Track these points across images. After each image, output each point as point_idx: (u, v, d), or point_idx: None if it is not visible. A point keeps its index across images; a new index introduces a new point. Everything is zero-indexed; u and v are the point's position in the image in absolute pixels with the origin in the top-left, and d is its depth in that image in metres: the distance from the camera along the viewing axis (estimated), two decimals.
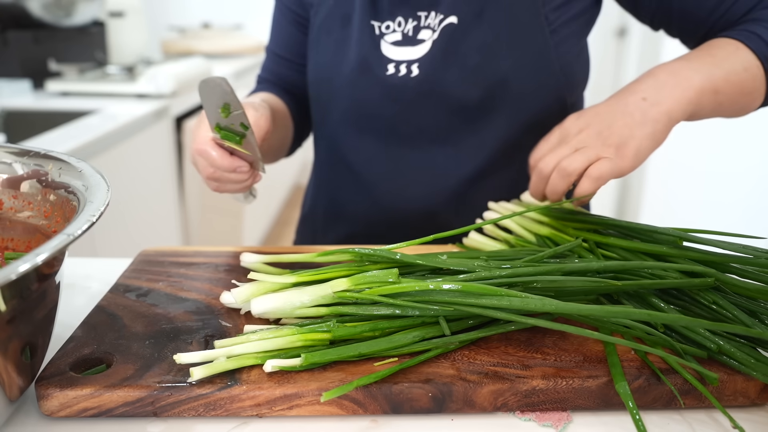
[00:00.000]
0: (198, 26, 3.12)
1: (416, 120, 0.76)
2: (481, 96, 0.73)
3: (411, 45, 0.75)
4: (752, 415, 0.49)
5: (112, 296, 0.60)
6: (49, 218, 0.55)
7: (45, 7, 1.88)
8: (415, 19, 0.75)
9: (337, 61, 0.79)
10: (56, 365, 0.48)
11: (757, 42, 0.67)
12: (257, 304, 0.53)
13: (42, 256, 0.38)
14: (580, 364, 0.50)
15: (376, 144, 0.79)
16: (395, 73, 0.75)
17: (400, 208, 0.81)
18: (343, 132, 0.81)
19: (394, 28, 0.76)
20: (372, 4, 0.77)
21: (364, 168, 0.81)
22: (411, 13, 0.75)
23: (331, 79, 0.80)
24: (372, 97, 0.77)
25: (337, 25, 0.79)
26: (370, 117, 0.78)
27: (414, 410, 0.48)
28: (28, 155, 0.57)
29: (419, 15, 0.75)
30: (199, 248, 0.71)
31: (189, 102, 1.99)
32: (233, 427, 0.47)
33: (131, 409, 0.46)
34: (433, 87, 0.74)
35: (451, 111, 0.75)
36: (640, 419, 0.45)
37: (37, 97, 1.81)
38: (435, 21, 0.74)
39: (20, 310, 0.41)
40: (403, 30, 0.75)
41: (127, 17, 2.25)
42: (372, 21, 0.76)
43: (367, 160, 0.81)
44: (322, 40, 0.81)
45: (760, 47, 0.67)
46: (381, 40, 0.76)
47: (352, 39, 0.77)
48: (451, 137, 0.76)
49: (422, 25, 0.75)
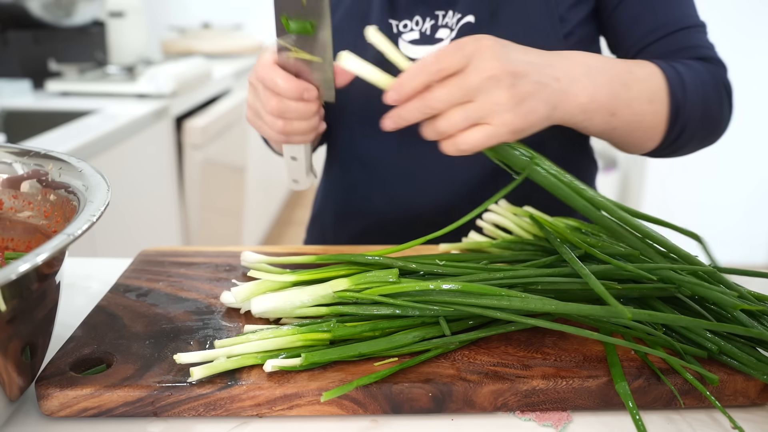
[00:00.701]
0: (198, 26, 3.12)
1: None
2: None
3: (429, 44, 0.75)
4: (752, 415, 0.49)
5: (112, 296, 0.60)
6: (49, 218, 0.55)
7: (45, 7, 1.88)
8: (432, 18, 0.75)
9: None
10: (56, 365, 0.48)
11: (675, 78, 0.65)
12: (257, 303, 0.53)
13: (42, 256, 0.38)
14: (580, 364, 0.50)
15: (392, 142, 0.79)
16: None
17: (414, 205, 0.81)
18: (359, 130, 0.81)
19: (411, 26, 0.76)
20: (390, 2, 0.77)
21: (379, 166, 0.81)
22: (429, 12, 0.75)
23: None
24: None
25: (355, 23, 0.79)
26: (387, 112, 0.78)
27: (414, 410, 0.48)
28: (28, 155, 0.57)
29: (437, 14, 0.75)
30: (199, 248, 0.71)
31: (189, 102, 1.99)
32: (233, 427, 0.47)
33: (131, 409, 0.46)
34: None
35: None
36: (640, 419, 0.45)
37: (37, 97, 1.81)
38: (453, 20, 0.74)
39: (20, 310, 0.41)
40: (421, 29, 0.76)
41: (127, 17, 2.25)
42: (390, 20, 0.77)
43: (382, 157, 0.81)
44: (338, 38, 0.81)
45: (674, 83, 0.65)
46: (399, 38, 0.76)
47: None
48: None
49: (440, 24, 0.75)
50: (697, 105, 0.67)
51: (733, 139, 2.66)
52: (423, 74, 0.53)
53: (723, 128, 0.72)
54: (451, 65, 0.53)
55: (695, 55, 0.71)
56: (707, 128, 0.70)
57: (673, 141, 0.68)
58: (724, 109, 0.71)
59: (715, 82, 0.69)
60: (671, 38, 0.71)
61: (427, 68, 0.53)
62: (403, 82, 0.54)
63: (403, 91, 0.54)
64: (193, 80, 2.01)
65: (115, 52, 2.26)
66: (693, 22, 0.72)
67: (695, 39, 0.72)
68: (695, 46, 0.71)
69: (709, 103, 0.68)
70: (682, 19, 0.71)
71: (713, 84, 0.69)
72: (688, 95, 0.66)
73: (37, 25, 1.90)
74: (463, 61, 0.53)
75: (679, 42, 0.71)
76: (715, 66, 0.71)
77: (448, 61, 0.53)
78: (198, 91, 2.07)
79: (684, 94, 0.65)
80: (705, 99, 0.67)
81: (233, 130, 2.23)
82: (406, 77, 0.54)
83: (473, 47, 0.54)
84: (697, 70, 0.69)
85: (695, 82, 0.67)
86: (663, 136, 0.67)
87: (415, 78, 0.54)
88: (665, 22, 0.71)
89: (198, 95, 2.07)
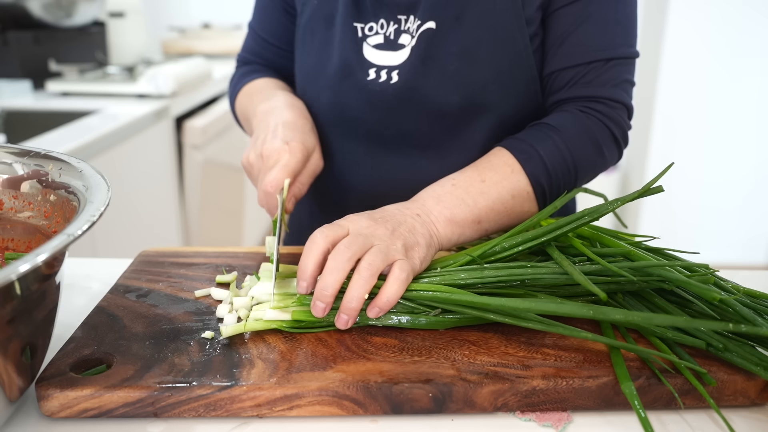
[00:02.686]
0: (198, 26, 3.12)
1: (397, 125, 0.76)
2: (462, 102, 0.73)
3: (392, 50, 0.74)
4: (752, 415, 0.49)
5: (112, 297, 0.60)
6: (49, 218, 0.55)
7: (45, 8, 1.88)
8: (396, 22, 0.74)
9: (320, 64, 0.79)
10: (56, 366, 0.48)
11: (535, 164, 0.67)
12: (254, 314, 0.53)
13: (42, 256, 0.38)
14: (580, 364, 0.50)
15: (359, 148, 0.79)
16: (376, 78, 0.75)
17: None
18: (327, 134, 0.81)
19: (377, 29, 0.75)
20: (355, 5, 0.76)
21: (347, 171, 0.81)
22: (392, 16, 0.74)
23: (316, 81, 0.79)
24: (353, 102, 0.77)
25: (321, 26, 0.79)
26: (352, 121, 0.78)
27: (414, 410, 0.48)
28: (28, 155, 0.57)
29: (399, 18, 0.74)
30: (199, 248, 0.71)
31: (189, 102, 1.99)
32: (233, 428, 0.47)
33: (132, 409, 0.46)
34: (412, 94, 0.73)
35: (432, 117, 0.74)
36: (646, 418, 0.45)
37: (38, 97, 1.81)
38: (414, 26, 0.73)
39: (20, 311, 0.41)
40: (385, 33, 0.75)
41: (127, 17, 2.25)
42: (355, 23, 0.76)
43: (351, 163, 0.81)
44: (307, 41, 0.81)
45: (535, 170, 0.67)
46: (363, 42, 0.75)
47: (335, 41, 0.77)
48: (433, 142, 0.76)
49: (402, 29, 0.74)
50: (565, 173, 0.69)
51: (734, 141, 2.67)
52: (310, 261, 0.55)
53: (609, 165, 0.74)
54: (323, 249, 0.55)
55: (592, 94, 0.71)
56: (587, 178, 0.72)
57: (551, 202, 0.69)
58: (606, 152, 0.72)
59: (591, 134, 0.70)
60: (583, 70, 0.71)
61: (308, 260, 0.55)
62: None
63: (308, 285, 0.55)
64: (193, 80, 2.01)
65: (116, 53, 2.26)
66: (618, 54, 0.70)
67: (608, 73, 0.71)
68: (602, 83, 0.71)
69: (582, 161, 0.70)
70: (607, 49, 0.70)
71: (587, 137, 0.69)
72: (553, 173, 0.68)
73: (38, 25, 1.90)
74: (329, 244, 0.55)
75: (587, 76, 0.71)
76: (605, 107, 0.71)
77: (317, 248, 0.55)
78: (198, 91, 2.07)
79: (548, 175, 0.68)
80: (575, 161, 0.69)
81: (233, 130, 2.23)
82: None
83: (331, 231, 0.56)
84: (568, 130, 0.69)
85: (561, 154, 0.68)
86: (540, 207, 0.69)
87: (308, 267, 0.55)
88: (586, 50, 0.70)
89: (198, 95, 2.07)
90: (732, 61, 2.57)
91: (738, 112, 2.64)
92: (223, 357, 0.50)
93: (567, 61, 0.71)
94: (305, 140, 0.71)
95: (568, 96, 0.72)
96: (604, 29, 0.70)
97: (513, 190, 0.66)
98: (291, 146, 0.69)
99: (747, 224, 2.78)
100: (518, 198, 0.67)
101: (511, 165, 0.67)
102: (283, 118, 0.73)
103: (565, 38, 0.71)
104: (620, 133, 0.72)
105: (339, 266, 0.53)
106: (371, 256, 0.54)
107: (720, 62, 2.57)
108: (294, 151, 0.69)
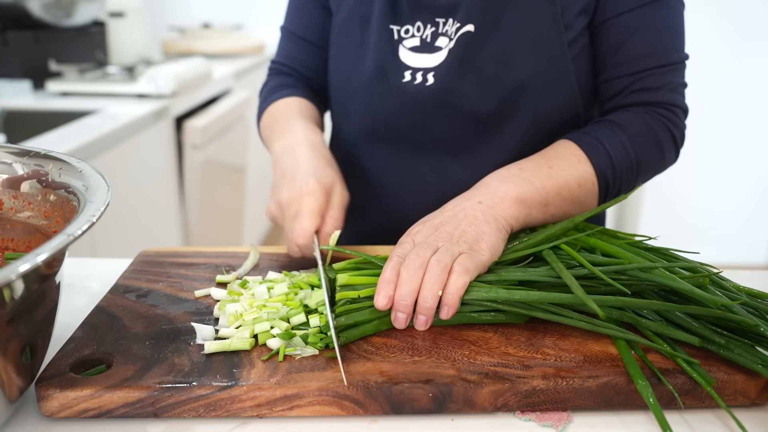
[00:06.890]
0: (198, 26, 3.12)
1: (431, 129, 0.76)
2: (497, 106, 0.73)
3: (428, 52, 0.74)
4: (752, 415, 0.49)
5: (112, 297, 0.60)
6: (49, 218, 0.55)
7: (45, 8, 1.88)
8: (433, 25, 0.74)
9: (355, 66, 0.78)
10: (56, 366, 0.48)
11: (601, 156, 0.68)
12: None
13: (42, 256, 0.38)
14: (580, 364, 0.50)
15: (391, 151, 0.79)
16: (411, 80, 0.74)
17: (412, 215, 0.80)
18: (359, 137, 0.81)
19: (413, 32, 0.75)
20: (392, 7, 0.75)
21: (378, 174, 0.81)
22: (430, 19, 0.74)
23: (350, 83, 0.79)
24: (388, 105, 0.76)
25: (356, 27, 0.78)
26: (385, 124, 0.77)
27: (414, 410, 0.48)
28: (28, 155, 0.57)
29: (437, 21, 0.74)
30: (199, 249, 0.71)
31: (189, 102, 1.98)
32: (233, 428, 0.47)
33: (131, 409, 0.46)
34: (447, 97, 0.73)
35: (466, 120, 0.74)
36: (662, 416, 0.46)
37: (37, 97, 1.81)
38: (452, 29, 0.73)
39: (20, 311, 0.41)
40: (422, 35, 0.74)
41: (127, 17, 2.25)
42: (391, 25, 0.75)
43: (381, 166, 0.80)
44: (341, 42, 0.80)
45: (601, 162, 0.68)
46: (399, 45, 0.75)
47: (371, 43, 0.76)
48: (466, 146, 0.76)
49: (440, 32, 0.74)
50: (628, 170, 0.70)
51: (734, 141, 2.67)
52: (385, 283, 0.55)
53: (667, 166, 0.75)
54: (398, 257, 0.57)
55: (651, 100, 0.72)
56: (646, 177, 0.74)
57: (612, 197, 0.71)
58: (666, 154, 0.73)
59: (654, 134, 0.71)
60: (639, 77, 0.71)
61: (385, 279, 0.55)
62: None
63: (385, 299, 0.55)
64: (193, 80, 2.01)
65: (115, 53, 2.25)
66: (671, 59, 0.71)
67: (663, 79, 0.72)
68: (659, 88, 0.71)
69: (644, 159, 0.71)
70: (661, 56, 0.71)
71: (651, 137, 0.71)
72: (617, 167, 0.69)
73: (38, 25, 1.90)
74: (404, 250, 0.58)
75: (644, 82, 0.71)
76: (666, 110, 0.72)
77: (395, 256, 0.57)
78: (198, 91, 2.07)
79: (612, 169, 0.69)
80: (638, 158, 0.70)
81: (233, 130, 2.23)
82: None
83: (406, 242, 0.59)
84: (632, 128, 0.70)
85: (626, 150, 0.69)
86: (600, 201, 0.70)
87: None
88: (641, 58, 0.71)
89: (198, 95, 2.07)
90: (732, 60, 2.57)
91: (738, 111, 2.64)
92: (223, 357, 0.50)
93: (623, 69, 0.72)
94: (322, 177, 0.68)
95: (627, 102, 0.73)
96: (657, 37, 0.71)
97: (580, 179, 0.67)
98: (309, 189, 0.67)
99: (747, 224, 2.78)
100: (584, 187, 0.68)
101: (578, 155, 0.68)
102: (297, 158, 0.71)
103: (619, 47, 0.71)
104: (679, 136, 0.74)
105: (412, 274, 0.55)
106: (439, 255, 0.56)
107: (720, 62, 2.57)
108: (313, 193, 0.66)
